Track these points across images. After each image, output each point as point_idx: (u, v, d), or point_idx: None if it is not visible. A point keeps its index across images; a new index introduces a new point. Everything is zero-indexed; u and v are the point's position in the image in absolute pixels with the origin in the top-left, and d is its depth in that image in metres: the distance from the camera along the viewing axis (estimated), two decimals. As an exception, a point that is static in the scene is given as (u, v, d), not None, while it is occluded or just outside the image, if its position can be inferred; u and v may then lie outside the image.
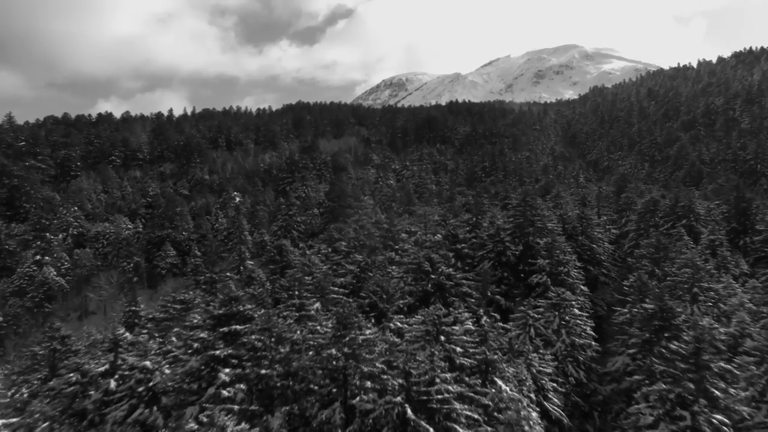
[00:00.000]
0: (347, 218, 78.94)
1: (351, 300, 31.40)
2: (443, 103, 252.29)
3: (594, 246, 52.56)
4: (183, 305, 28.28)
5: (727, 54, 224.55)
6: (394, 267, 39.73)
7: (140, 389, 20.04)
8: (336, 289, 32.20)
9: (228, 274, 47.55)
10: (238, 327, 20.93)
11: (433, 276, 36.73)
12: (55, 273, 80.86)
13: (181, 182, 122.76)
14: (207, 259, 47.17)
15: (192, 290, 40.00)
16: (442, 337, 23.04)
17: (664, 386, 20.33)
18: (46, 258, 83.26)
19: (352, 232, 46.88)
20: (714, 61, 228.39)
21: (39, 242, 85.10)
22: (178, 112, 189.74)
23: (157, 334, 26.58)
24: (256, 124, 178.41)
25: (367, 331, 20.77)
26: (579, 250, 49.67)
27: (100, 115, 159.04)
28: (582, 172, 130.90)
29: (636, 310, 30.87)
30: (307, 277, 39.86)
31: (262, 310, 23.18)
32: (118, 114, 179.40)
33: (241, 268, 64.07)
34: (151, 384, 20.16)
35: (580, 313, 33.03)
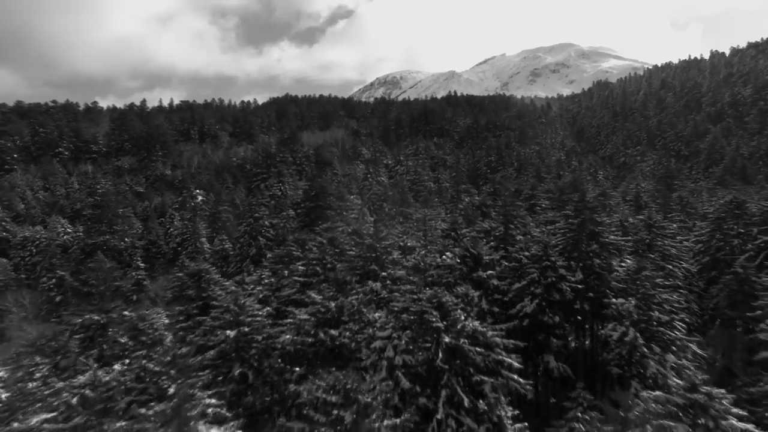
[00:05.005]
0: (328, 221, 62.61)
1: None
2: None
3: (669, 266, 36.53)
4: None
5: (742, 45, 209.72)
6: (378, 315, 23.23)
7: None
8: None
9: (126, 313, 30.70)
10: None
11: (447, 339, 20.31)
12: (-47, 291, 63.66)
13: (137, 178, 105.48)
14: (97, 285, 30.43)
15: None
16: None
17: None
18: (-55, 271, 66.11)
19: (315, 249, 30.31)
20: (727, 53, 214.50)
21: (-62, 251, 67.87)
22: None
23: None
24: (235, 116, 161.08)
25: None
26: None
27: (55, 102, 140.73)
28: (599, 168, 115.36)
29: None
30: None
31: None
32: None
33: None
34: None
35: (743, 427, 16.66)
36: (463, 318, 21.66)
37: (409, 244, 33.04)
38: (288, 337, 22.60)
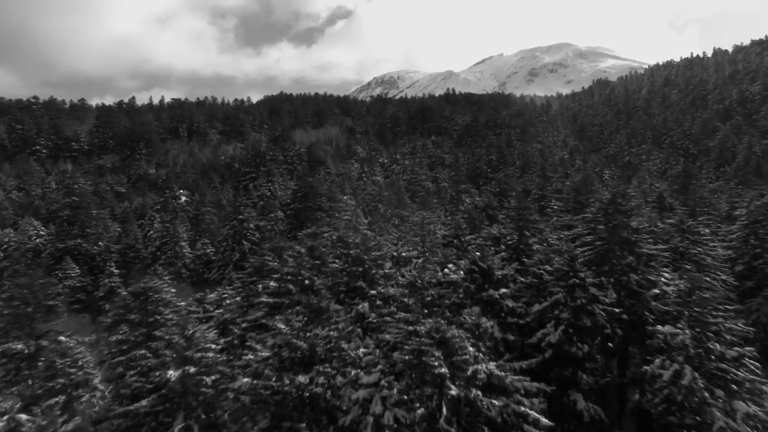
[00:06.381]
0: (317, 223, 57.39)
1: None
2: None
3: (706, 279, 31.37)
4: None
5: (746, 43, 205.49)
6: (362, 352, 17.96)
7: None
8: None
9: (63, 338, 25.32)
10: None
11: (453, 390, 15.12)
12: None
13: (119, 177, 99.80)
14: (26, 304, 25.05)
15: None
16: None
17: None
18: None
19: (291, 260, 25.09)
20: (730, 50, 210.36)
21: None
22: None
23: None
24: (226, 114, 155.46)
25: None
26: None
27: (36, 99, 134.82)
28: (604, 167, 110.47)
29: None
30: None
31: None
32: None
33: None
34: None
35: None
36: (473, 358, 16.48)
37: (404, 254, 27.81)
38: (246, 380, 17.33)
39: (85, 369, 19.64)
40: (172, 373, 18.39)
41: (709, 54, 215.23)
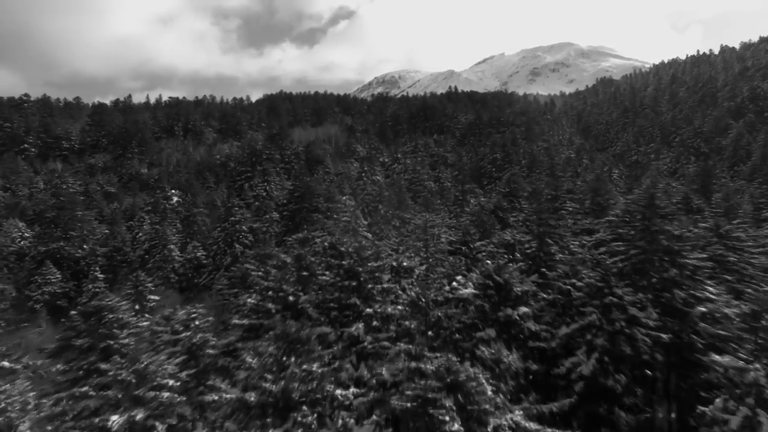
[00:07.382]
0: (312, 226, 53.81)
1: None
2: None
3: (748, 291, 27.73)
4: None
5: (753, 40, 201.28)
6: (352, 393, 14.30)
7: None
8: None
9: (6, 363, 21.69)
10: None
11: (470, 454, 11.50)
12: None
13: (110, 177, 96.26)
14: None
15: None
16: None
17: None
18: None
19: (274, 272, 21.52)
20: (737, 47, 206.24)
21: None
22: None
23: None
24: (223, 112, 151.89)
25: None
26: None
27: (28, 96, 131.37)
28: (613, 166, 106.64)
29: None
30: None
31: None
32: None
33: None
34: None
35: None
36: (493, 406, 12.83)
37: (405, 263, 24.19)
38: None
39: (8, 412, 15.99)
40: (117, 419, 14.79)
41: (716, 52, 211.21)
